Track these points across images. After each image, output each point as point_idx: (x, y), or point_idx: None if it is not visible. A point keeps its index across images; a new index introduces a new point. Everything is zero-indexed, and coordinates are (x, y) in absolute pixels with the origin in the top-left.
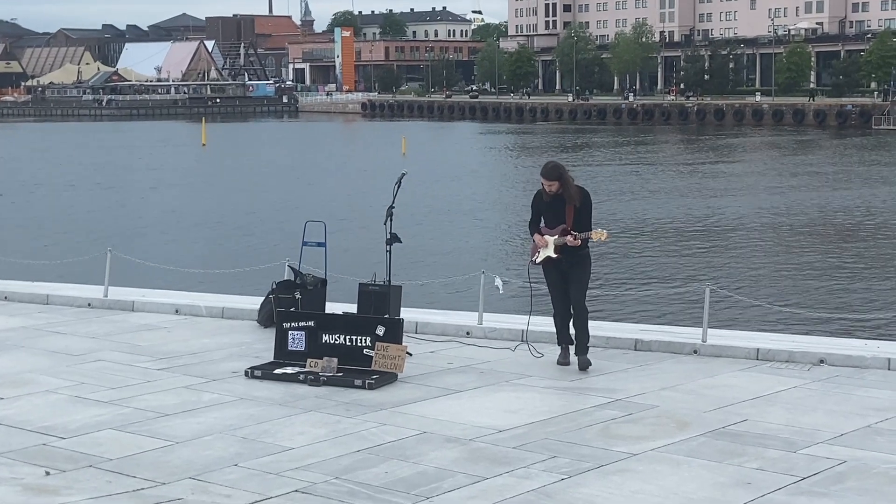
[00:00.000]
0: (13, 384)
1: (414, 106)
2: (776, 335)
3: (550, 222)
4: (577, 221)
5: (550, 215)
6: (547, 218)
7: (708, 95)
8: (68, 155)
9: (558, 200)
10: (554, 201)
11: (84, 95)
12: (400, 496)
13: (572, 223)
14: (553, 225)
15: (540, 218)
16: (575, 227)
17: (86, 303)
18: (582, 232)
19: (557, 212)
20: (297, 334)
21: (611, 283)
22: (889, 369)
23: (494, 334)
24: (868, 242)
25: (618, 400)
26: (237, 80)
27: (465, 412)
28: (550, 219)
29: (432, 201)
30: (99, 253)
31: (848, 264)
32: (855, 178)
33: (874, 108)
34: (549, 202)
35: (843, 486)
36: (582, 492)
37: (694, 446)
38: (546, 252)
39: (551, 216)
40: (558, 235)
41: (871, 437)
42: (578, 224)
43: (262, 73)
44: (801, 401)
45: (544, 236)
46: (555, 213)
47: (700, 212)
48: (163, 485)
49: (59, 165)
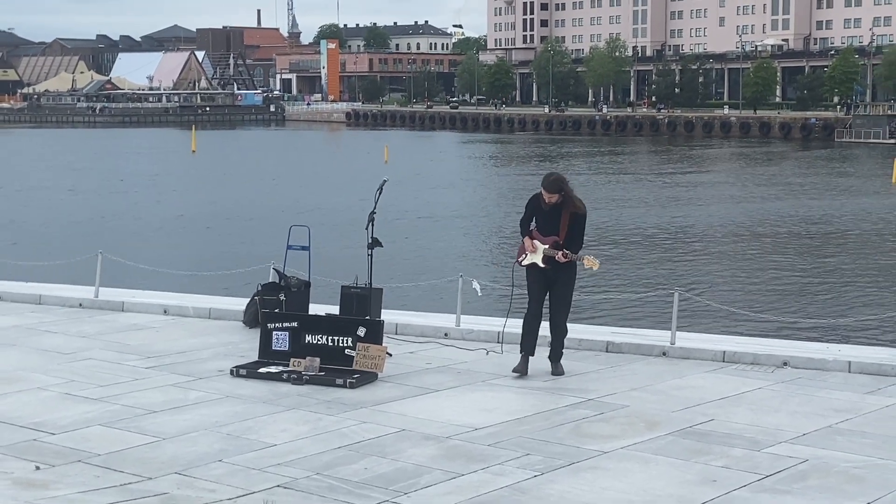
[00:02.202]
0: (5, 381)
1: (396, 116)
2: (742, 338)
3: (543, 230)
4: (570, 236)
5: (547, 223)
6: (540, 224)
7: (678, 108)
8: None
9: (556, 210)
10: (552, 210)
11: (78, 103)
12: (379, 492)
13: (564, 237)
14: (546, 233)
15: (532, 218)
16: (566, 241)
17: (77, 303)
18: (571, 247)
19: (553, 222)
20: (281, 335)
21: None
22: (849, 372)
23: (472, 336)
24: (830, 250)
25: (589, 400)
26: (226, 89)
27: (442, 411)
28: (544, 226)
29: (413, 207)
30: (90, 255)
31: (811, 271)
32: (818, 189)
33: (837, 121)
34: (548, 211)
35: (805, 484)
36: (554, 488)
37: (662, 445)
38: (534, 258)
39: (546, 224)
40: (549, 246)
41: (831, 437)
42: (570, 238)
43: (251, 83)
44: (765, 402)
45: (534, 241)
46: (550, 223)
47: (670, 220)
48: (149, 479)
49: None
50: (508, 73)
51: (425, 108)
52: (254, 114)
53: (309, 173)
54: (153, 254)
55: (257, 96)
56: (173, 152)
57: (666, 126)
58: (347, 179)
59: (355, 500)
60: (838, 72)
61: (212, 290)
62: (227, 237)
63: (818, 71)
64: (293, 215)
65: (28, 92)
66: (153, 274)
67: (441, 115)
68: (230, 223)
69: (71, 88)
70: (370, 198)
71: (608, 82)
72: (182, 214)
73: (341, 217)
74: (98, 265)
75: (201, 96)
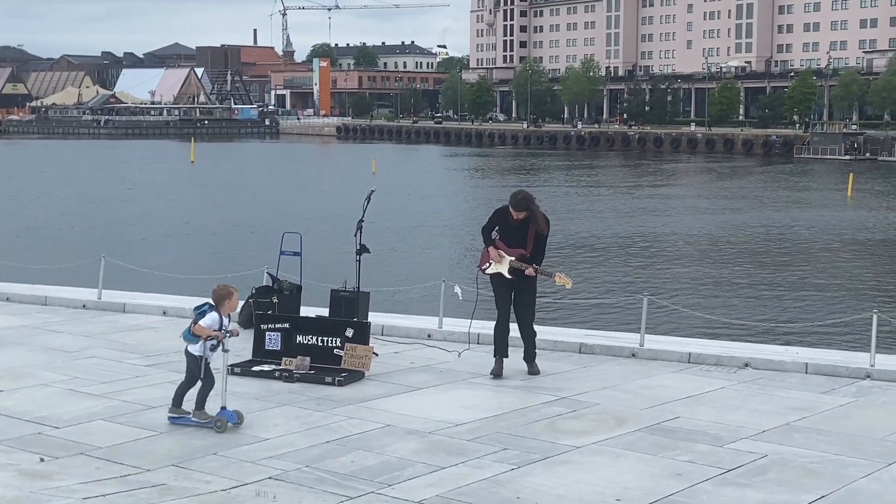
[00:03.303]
0: (12, 378)
1: (384, 130)
2: (706, 341)
3: (510, 242)
4: (536, 248)
5: (512, 235)
6: (508, 237)
7: (648, 125)
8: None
9: (523, 225)
10: (519, 224)
11: (84, 116)
12: (364, 484)
13: (531, 250)
14: (513, 245)
15: (495, 227)
16: (533, 253)
17: (81, 304)
18: (536, 259)
19: (520, 236)
20: (274, 335)
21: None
22: (806, 373)
23: (453, 337)
24: (789, 259)
25: (563, 398)
26: (224, 104)
27: (425, 408)
28: (510, 238)
29: (399, 216)
30: (94, 258)
31: (771, 278)
32: (778, 202)
33: (796, 138)
34: (515, 225)
35: (765, 477)
36: (530, 481)
37: (631, 440)
38: (499, 268)
39: (512, 236)
40: (516, 258)
41: (789, 433)
42: (536, 250)
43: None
44: (727, 400)
45: (499, 251)
46: (517, 236)
47: (640, 229)
48: (148, 471)
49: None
50: (489, 90)
51: (411, 123)
52: (249, 127)
53: (301, 183)
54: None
55: (253, 111)
56: (173, 163)
57: (636, 142)
58: (337, 189)
59: (343, 491)
60: (797, 92)
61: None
62: (223, 243)
63: (779, 91)
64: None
65: (36, 105)
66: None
67: (426, 130)
68: (226, 230)
69: (77, 102)
70: (359, 207)
71: (583, 100)
72: (181, 221)
73: (331, 224)
74: (101, 268)
75: (200, 110)
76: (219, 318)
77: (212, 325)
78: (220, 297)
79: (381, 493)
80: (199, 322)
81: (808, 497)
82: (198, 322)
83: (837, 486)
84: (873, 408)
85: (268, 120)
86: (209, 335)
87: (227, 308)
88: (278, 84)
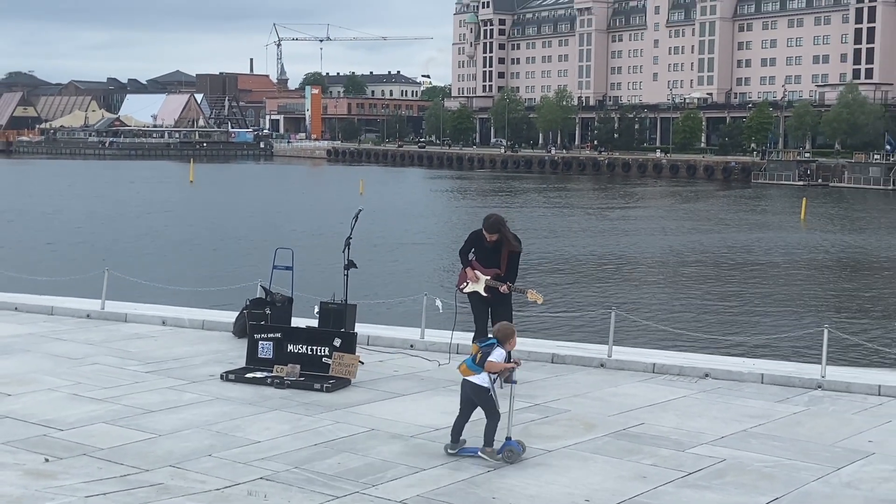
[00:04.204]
0: (19, 383)
1: (371, 153)
2: (669, 352)
3: (485, 263)
4: (510, 267)
5: (486, 256)
6: (482, 258)
7: (617, 151)
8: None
9: (496, 246)
10: (493, 245)
11: (90, 137)
12: (350, 484)
13: (505, 269)
14: (487, 265)
15: (471, 249)
16: (507, 272)
17: (85, 314)
18: (509, 277)
19: (494, 256)
20: (266, 344)
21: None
22: (762, 383)
23: (434, 347)
24: (747, 276)
25: (536, 405)
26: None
27: (407, 413)
28: (485, 259)
29: (385, 234)
30: (97, 271)
31: (730, 294)
32: (737, 224)
33: (753, 165)
34: (489, 246)
35: (723, 480)
36: (505, 482)
37: (599, 445)
38: (476, 287)
39: (487, 257)
40: (491, 277)
41: (746, 439)
42: (510, 269)
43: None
44: (689, 408)
45: (475, 271)
46: (491, 256)
47: (609, 248)
48: (146, 471)
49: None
50: (469, 117)
51: (396, 148)
52: (245, 150)
53: (293, 203)
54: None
55: (249, 134)
56: (173, 183)
57: (606, 167)
58: (327, 208)
59: (329, 491)
60: (755, 122)
61: (205, 304)
62: (219, 257)
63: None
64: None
65: (45, 127)
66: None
67: (410, 154)
68: (222, 245)
69: (83, 124)
70: (347, 225)
71: (556, 127)
72: (179, 237)
73: (321, 241)
74: (104, 281)
75: (199, 133)
76: (505, 354)
77: (500, 360)
78: (505, 336)
79: (366, 493)
80: (490, 358)
81: (763, 499)
82: (488, 357)
83: (790, 489)
84: (824, 416)
85: (262, 143)
86: (503, 368)
87: (511, 345)
88: (273, 109)
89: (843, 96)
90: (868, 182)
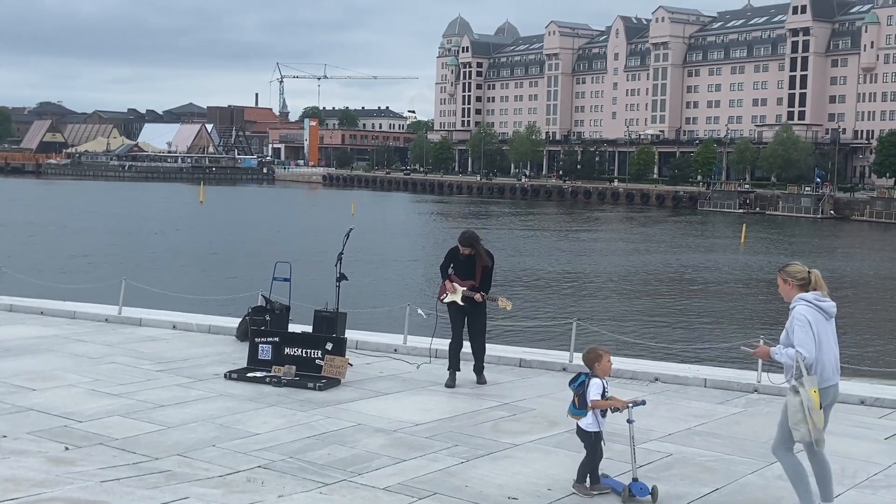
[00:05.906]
0: (43, 379)
1: (362, 179)
2: (624, 358)
3: (461, 275)
4: (484, 279)
5: (463, 270)
6: (458, 270)
7: (579, 180)
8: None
9: (470, 259)
10: (468, 260)
11: (111, 161)
12: (339, 472)
13: (479, 280)
14: (464, 277)
15: (450, 265)
16: (481, 283)
17: (104, 318)
18: (484, 288)
19: (469, 269)
20: (266, 347)
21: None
22: (705, 387)
23: (416, 351)
24: (693, 292)
25: (506, 403)
26: (229, 154)
27: (390, 410)
28: (462, 272)
29: (373, 250)
30: (115, 280)
31: (678, 308)
32: (684, 246)
33: (700, 194)
34: (464, 260)
35: (670, 472)
36: (476, 472)
37: (561, 440)
38: (453, 297)
39: (463, 270)
40: (467, 288)
41: (690, 437)
42: (484, 280)
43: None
44: (640, 408)
45: (454, 284)
46: (467, 269)
47: (571, 266)
48: (156, 459)
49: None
50: (450, 148)
51: (384, 174)
52: (250, 174)
53: (292, 221)
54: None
55: (253, 160)
56: (185, 202)
57: (570, 194)
58: (322, 227)
59: (320, 479)
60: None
61: (211, 310)
62: (224, 269)
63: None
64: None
65: (71, 151)
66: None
67: (396, 180)
68: (228, 258)
69: (105, 150)
70: (339, 242)
71: (527, 158)
72: (190, 250)
73: (316, 256)
74: (122, 289)
75: (209, 159)
76: (601, 383)
77: (599, 391)
78: (591, 361)
79: (353, 480)
80: (590, 397)
81: (706, 490)
82: (588, 396)
83: (729, 480)
84: (759, 416)
85: (265, 169)
86: (607, 405)
87: (601, 370)
88: (275, 139)
89: (779, 135)
90: (800, 211)
